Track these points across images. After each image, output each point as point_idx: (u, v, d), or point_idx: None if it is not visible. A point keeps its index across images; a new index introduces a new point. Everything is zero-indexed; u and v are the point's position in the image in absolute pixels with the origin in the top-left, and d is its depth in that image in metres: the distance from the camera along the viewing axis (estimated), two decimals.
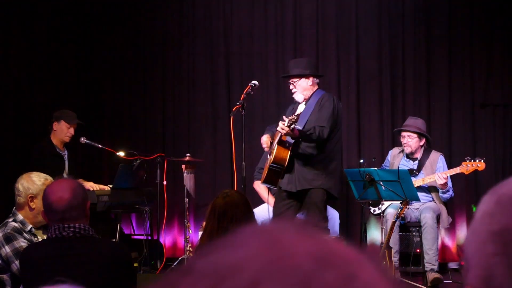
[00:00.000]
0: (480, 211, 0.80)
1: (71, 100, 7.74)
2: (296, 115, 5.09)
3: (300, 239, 0.56)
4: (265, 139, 5.75)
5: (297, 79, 5.60)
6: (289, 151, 5.39)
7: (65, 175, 6.17)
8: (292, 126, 5.02)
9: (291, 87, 5.66)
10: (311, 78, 5.60)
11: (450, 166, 6.45)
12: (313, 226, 0.59)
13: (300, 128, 5.26)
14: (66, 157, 6.39)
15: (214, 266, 0.54)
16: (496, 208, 0.78)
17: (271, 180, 5.55)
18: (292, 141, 5.39)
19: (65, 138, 6.34)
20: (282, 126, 5.08)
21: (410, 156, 6.47)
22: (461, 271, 6.50)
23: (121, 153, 6.76)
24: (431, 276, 5.94)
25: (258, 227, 0.59)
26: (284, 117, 5.18)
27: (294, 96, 5.67)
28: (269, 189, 5.90)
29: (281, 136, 5.33)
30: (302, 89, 5.60)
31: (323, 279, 0.53)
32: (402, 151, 6.53)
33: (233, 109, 5.68)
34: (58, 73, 7.69)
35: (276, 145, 5.37)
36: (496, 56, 7.22)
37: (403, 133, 6.42)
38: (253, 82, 5.71)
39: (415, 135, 6.37)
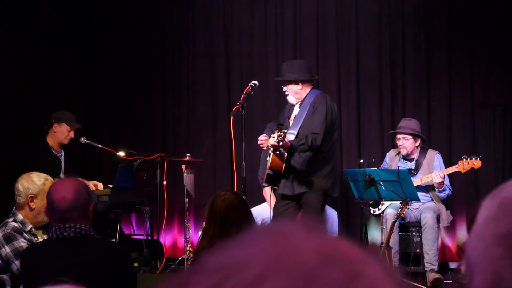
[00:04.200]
0: (483, 216, 0.79)
1: (71, 100, 7.75)
2: (283, 132, 5.06)
3: (306, 237, 0.57)
4: (261, 138, 5.74)
5: (287, 83, 5.61)
6: (285, 157, 5.37)
7: (62, 175, 6.16)
8: (281, 143, 5.01)
9: (284, 89, 5.67)
10: (300, 83, 5.59)
11: (450, 166, 6.43)
12: (318, 225, 0.60)
13: (292, 138, 5.27)
14: (62, 158, 6.37)
15: (222, 263, 0.55)
16: (500, 212, 0.77)
17: (271, 183, 5.57)
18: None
19: (64, 140, 6.31)
20: (272, 142, 5.09)
21: (406, 157, 6.46)
22: (461, 271, 6.50)
23: (121, 153, 6.75)
24: (431, 276, 5.94)
25: (266, 226, 0.60)
26: (276, 132, 5.19)
27: (288, 98, 5.68)
28: (273, 189, 5.90)
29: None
30: (293, 92, 5.60)
31: (328, 276, 0.53)
32: (399, 153, 6.52)
33: (233, 109, 5.67)
34: (58, 74, 7.69)
35: (272, 154, 5.37)
36: (496, 56, 7.22)
37: (398, 135, 6.41)
38: (253, 82, 5.70)
39: (410, 137, 6.36)
